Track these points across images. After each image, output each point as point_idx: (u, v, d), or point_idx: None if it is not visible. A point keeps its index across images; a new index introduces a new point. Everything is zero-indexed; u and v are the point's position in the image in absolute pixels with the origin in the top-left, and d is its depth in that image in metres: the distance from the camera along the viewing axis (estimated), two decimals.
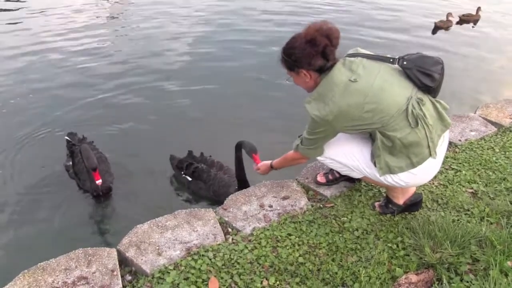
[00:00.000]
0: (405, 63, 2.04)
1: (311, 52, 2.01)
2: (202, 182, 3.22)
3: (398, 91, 2.01)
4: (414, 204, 2.39)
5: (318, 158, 2.37)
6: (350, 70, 2.02)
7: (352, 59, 2.07)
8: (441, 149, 2.17)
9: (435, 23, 7.71)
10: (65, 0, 8.56)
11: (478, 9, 8.08)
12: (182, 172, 3.34)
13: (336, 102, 1.99)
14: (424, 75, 2.01)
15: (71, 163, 3.41)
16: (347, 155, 2.29)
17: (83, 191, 3.27)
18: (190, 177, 3.30)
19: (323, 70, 2.07)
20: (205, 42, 6.69)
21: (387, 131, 2.02)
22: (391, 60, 2.08)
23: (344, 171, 2.40)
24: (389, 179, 2.17)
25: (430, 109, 2.06)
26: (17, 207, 3.10)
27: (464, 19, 8.12)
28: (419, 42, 6.87)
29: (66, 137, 3.61)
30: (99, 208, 3.16)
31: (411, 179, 2.16)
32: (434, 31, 7.62)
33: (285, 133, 3.70)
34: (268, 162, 2.70)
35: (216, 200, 3.10)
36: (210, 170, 3.23)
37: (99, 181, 3.01)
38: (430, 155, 2.07)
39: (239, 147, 2.99)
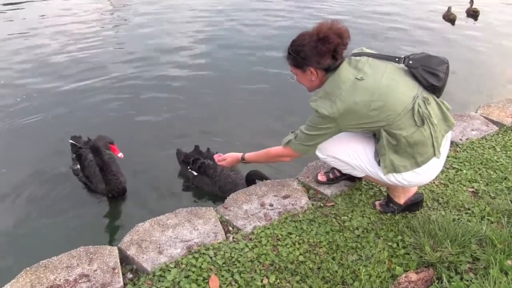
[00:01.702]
0: (411, 62, 2.05)
1: (322, 50, 2.01)
2: (207, 177, 3.24)
3: (404, 90, 2.02)
4: (415, 204, 2.39)
5: (321, 156, 2.36)
6: (356, 68, 2.03)
7: (358, 58, 2.08)
8: (444, 149, 2.18)
9: (448, 17, 7.80)
10: None
11: (471, 2, 8.06)
12: (189, 167, 3.37)
13: (343, 100, 1.99)
14: (430, 74, 2.02)
15: (79, 166, 3.36)
16: (350, 154, 2.29)
17: (90, 192, 3.25)
18: (196, 172, 3.32)
19: (330, 69, 2.07)
20: (210, 36, 6.71)
21: (392, 130, 2.02)
22: (396, 59, 2.09)
23: (346, 170, 2.40)
24: (392, 178, 2.18)
25: (435, 109, 2.08)
26: (18, 207, 3.11)
27: (471, 13, 8.12)
28: (417, 39, 6.88)
29: (71, 141, 3.54)
30: (101, 207, 3.17)
31: (414, 178, 2.16)
32: (452, 23, 7.77)
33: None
34: (238, 154, 2.60)
35: (221, 196, 3.11)
36: (216, 166, 3.24)
37: (120, 154, 2.89)
38: (435, 154, 2.08)
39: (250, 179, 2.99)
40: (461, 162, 2.94)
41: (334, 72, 2.06)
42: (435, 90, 2.07)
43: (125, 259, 2.13)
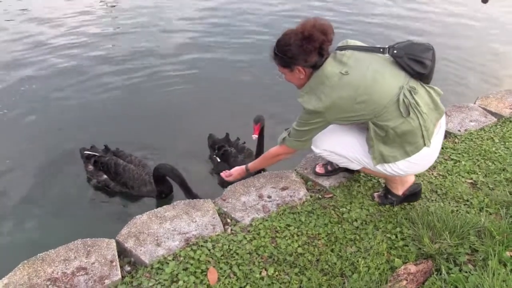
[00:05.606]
0: (395, 51, 2.04)
1: (308, 48, 2.00)
2: (228, 165, 3.23)
3: (390, 81, 2.01)
4: (413, 195, 2.39)
5: (316, 151, 2.36)
6: (341, 63, 2.03)
7: (343, 52, 2.07)
8: (438, 137, 2.17)
9: None
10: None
11: None
12: (214, 153, 3.38)
13: (328, 94, 2.00)
14: (415, 62, 2.01)
15: (105, 176, 3.12)
16: (345, 147, 2.29)
17: (129, 197, 3.17)
18: (220, 159, 3.32)
19: (317, 66, 2.07)
20: (217, 29, 6.59)
21: (379, 121, 2.02)
22: (381, 50, 2.07)
23: (343, 163, 2.40)
24: (388, 169, 2.17)
25: (424, 97, 2.06)
26: (16, 199, 3.09)
27: None
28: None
29: (87, 152, 3.25)
30: (98, 199, 3.15)
31: (409, 167, 2.16)
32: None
33: None
34: (242, 166, 2.68)
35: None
36: (238, 156, 3.24)
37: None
38: (425, 144, 2.07)
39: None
40: (459, 153, 2.93)
41: (319, 68, 2.06)
42: (423, 77, 2.06)
43: (123, 252, 2.12)
